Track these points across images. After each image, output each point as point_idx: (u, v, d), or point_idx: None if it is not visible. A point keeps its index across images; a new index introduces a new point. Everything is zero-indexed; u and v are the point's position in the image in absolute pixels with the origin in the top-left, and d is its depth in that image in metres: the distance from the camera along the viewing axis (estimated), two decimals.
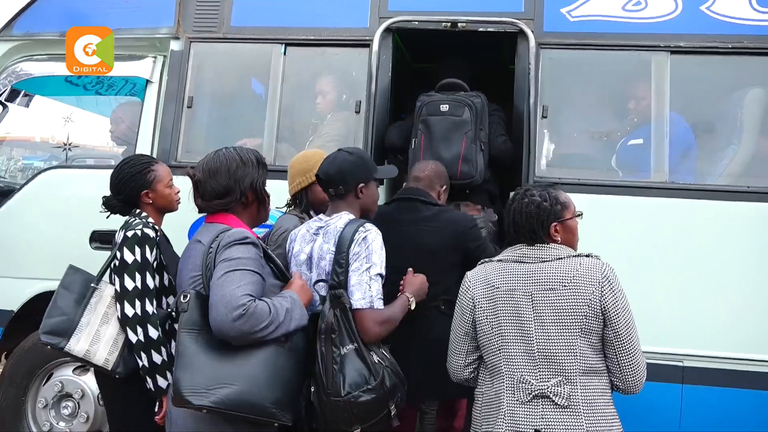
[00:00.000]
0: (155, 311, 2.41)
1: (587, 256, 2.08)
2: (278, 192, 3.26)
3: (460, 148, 3.20)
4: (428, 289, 2.54)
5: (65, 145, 4.47)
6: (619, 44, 3.25)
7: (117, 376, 2.42)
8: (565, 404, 1.95)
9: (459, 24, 3.36)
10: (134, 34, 3.64)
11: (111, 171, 3.62)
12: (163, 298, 2.53)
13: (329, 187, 2.40)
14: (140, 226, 2.46)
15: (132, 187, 2.58)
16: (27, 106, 4.37)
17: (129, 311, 2.37)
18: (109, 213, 2.68)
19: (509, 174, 3.47)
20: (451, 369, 2.25)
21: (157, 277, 2.48)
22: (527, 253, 2.08)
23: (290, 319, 1.95)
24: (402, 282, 2.48)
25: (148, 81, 3.66)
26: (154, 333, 2.38)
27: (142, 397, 2.43)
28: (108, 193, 2.66)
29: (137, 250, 2.42)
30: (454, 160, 3.18)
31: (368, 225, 2.28)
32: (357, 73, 3.49)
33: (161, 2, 3.65)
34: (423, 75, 4.57)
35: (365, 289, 2.17)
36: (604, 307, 1.98)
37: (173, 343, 2.34)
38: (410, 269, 2.53)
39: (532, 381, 1.98)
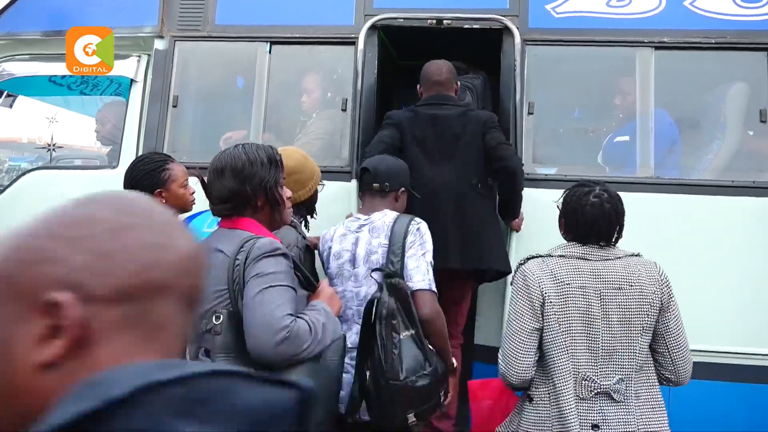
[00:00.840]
0: None
1: (636, 255, 2.14)
2: None
3: None
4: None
5: (49, 145, 4.43)
6: (604, 40, 3.26)
7: None
8: (621, 399, 2.00)
9: (444, 21, 3.36)
10: (118, 33, 3.59)
11: (96, 171, 3.65)
12: None
13: (376, 181, 2.50)
14: None
15: (145, 185, 2.44)
16: (10, 106, 4.33)
17: None
18: None
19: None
20: (514, 371, 2.03)
21: None
22: (589, 250, 2.09)
23: (327, 334, 1.81)
24: None
25: (132, 80, 3.63)
26: None
27: None
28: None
29: None
30: None
31: (418, 219, 2.39)
32: (343, 70, 3.48)
33: (145, 1, 3.63)
34: (409, 72, 4.58)
35: (424, 272, 2.27)
36: (663, 305, 2.05)
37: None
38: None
39: (594, 378, 2.01)
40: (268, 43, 3.51)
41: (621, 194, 3.06)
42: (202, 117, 3.72)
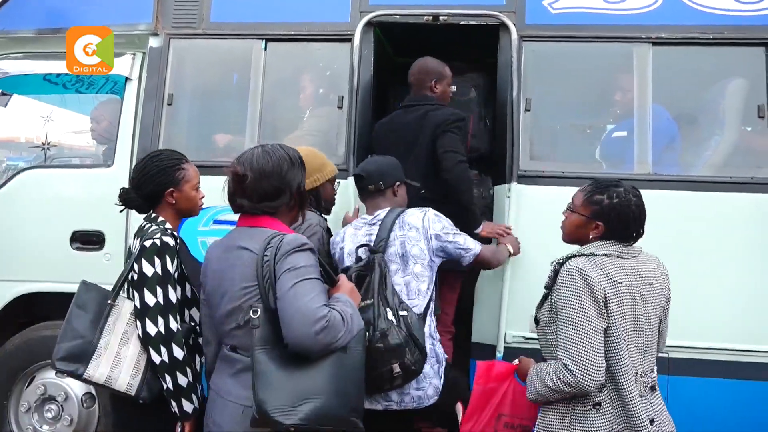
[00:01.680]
0: (179, 327, 2.19)
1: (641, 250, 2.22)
2: None
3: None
4: None
5: (44, 144, 4.41)
6: (601, 36, 3.24)
7: (141, 402, 2.19)
8: (658, 390, 2.15)
9: (440, 17, 3.34)
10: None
11: (91, 170, 3.63)
12: (186, 311, 2.31)
13: (369, 183, 2.70)
14: (158, 235, 2.21)
15: (158, 182, 2.32)
16: (5, 105, 4.30)
17: (151, 329, 2.14)
18: (124, 208, 2.43)
19: (491, 168, 3.46)
20: (593, 376, 1.97)
21: (179, 289, 2.25)
22: (626, 250, 2.14)
23: (354, 324, 1.89)
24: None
25: (127, 78, 3.61)
26: (179, 353, 2.16)
27: (161, 421, 2.25)
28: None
29: (157, 261, 2.17)
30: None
31: (425, 207, 2.68)
32: (339, 67, 3.46)
33: None
34: (406, 69, 4.55)
35: (469, 241, 2.68)
36: (668, 297, 2.22)
37: (197, 360, 2.26)
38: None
39: (646, 373, 2.09)
40: (264, 41, 3.49)
41: None
42: (197, 115, 3.69)
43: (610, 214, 2.12)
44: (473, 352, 3.23)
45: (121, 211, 2.49)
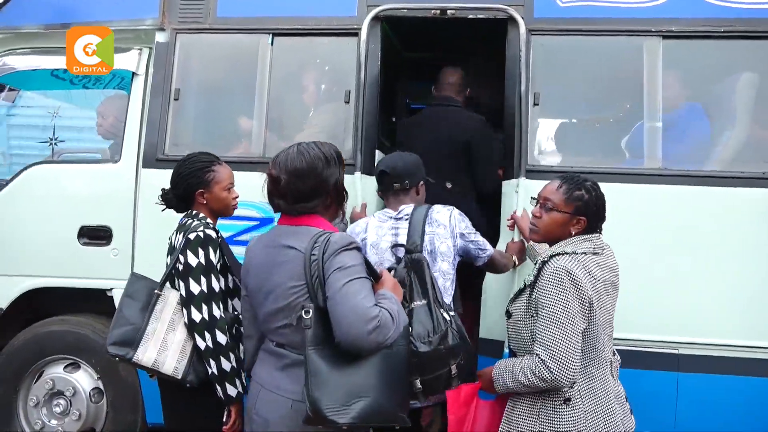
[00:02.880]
0: (222, 315, 2.34)
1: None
2: None
3: None
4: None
5: (51, 139, 4.41)
6: (611, 29, 3.21)
7: (188, 385, 2.34)
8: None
9: (448, 11, 3.31)
10: (119, 26, 3.57)
11: (98, 166, 3.63)
12: (229, 301, 2.45)
13: (396, 181, 2.73)
14: (201, 228, 2.37)
15: (189, 184, 2.50)
16: (13, 101, 4.31)
17: (196, 316, 2.30)
18: (164, 207, 2.60)
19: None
20: (570, 373, 2.02)
21: (222, 279, 2.39)
22: (597, 243, 2.20)
23: (401, 322, 1.90)
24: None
25: (134, 74, 3.61)
26: (222, 338, 2.31)
27: (208, 406, 2.37)
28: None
29: (201, 252, 2.33)
30: None
31: (450, 206, 2.76)
32: (346, 62, 3.43)
33: None
34: (413, 64, 4.54)
35: (486, 242, 2.75)
36: None
37: (241, 348, 2.33)
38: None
39: (615, 360, 2.22)
40: (270, 35, 3.47)
41: (629, 186, 3.08)
42: (204, 110, 3.68)
43: (591, 208, 2.19)
44: (481, 348, 3.22)
45: (163, 210, 2.62)
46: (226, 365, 2.30)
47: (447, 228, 2.65)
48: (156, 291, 2.39)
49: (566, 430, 2.05)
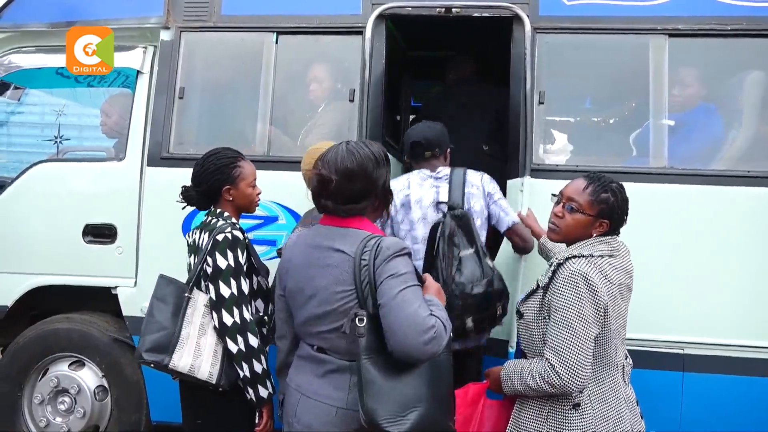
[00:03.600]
0: (251, 317, 2.32)
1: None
2: (273, 184, 3.24)
3: None
4: None
5: (56, 138, 4.42)
6: (616, 28, 3.19)
7: (221, 389, 2.31)
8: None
9: (453, 10, 3.30)
10: (123, 24, 3.58)
11: (103, 164, 3.64)
12: (252, 302, 2.41)
13: (428, 149, 2.95)
14: (229, 229, 2.33)
15: (215, 179, 2.45)
16: (18, 99, 4.32)
17: (228, 320, 2.26)
18: (185, 205, 2.56)
19: (505, 162, 3.43)
20: (581, 379, 1.99)
21: (247, 281, 2.37)
22: (614, 245, 2.15)
23: (449, 329, 1.86)
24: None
25: (138, 72, 3.60)
26: (254, 341, 2.28)
27: (234, 408, 2.35)
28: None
29: (229, 254, 2.30)
30: None
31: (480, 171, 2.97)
32: (350, 61, 3.42)
33: None
34: (418, 62, 4.53)
35: (510, 208, 2.92)
36: None
37: (267, 349, 2.34)
38: None
39: (627, 363, 2.20)
40: (275, 34, 3.47)
41: (634, 185, 3.06)
42: (209, 108, 3.68)
43: (617, 212, 2.15)
44: (485, 347, 3.20)
45: (183, 208, 2.60)
46: (258, 368, 2.28)
47: (479, 189, 2.88)
48: (186, 294, 2.34)
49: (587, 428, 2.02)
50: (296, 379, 2.00)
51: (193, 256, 2.46)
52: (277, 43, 3.47)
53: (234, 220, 2.45)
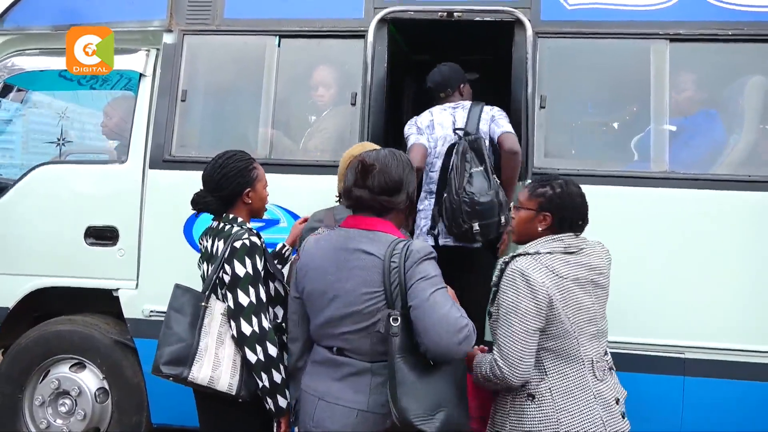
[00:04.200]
0: (270, 326, 2.24)
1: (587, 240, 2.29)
2: (275, 187, 3.24)
3: None
4: None
5: (59, 140, 4.43)
6: (618, 32, 3.20)
7: (240, 400, 2.26)
8: (614, 369, 2.27)
9: (455, 14, 3.32)
10: (127, 27, 3.59)
11: (105, 166, 3.65)
12: (270, 309, 2.34)
13: (440, 90, 3.41)
14: (246, 235, 2.25)
15: (237, 183, 2.36)
16: (21, 101, 4.33)
17: (246, 329, 2.19)
18: (199, 212, 2.46)
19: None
20: (519, 372, 2.05)
21: (265, 287, 2.30)
22: (570, 243, 2.18)
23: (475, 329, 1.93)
24: None
25: (141, 75, 3.62)
26: (273, 350, 2.21)
27: (252, 417, 2.32)
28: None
29: (248, 261, 2.22)
30: None
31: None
32: (352, 64, 3.44)
33: None
34: (420, 66, 4.54)
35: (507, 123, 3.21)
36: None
37: (284, 357, 2.28)
38: None
39: (603, 358, 2.20)
40: (277, 37, 3.48)
41: (635, 189, 3.08)
42: (211, 111, 3.69)
43: (556, 204, 2.19)
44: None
45: (197, 215, 2.52)
46: (278, 377, 2.21)
47: (488, 115, 3.24)
48: (202, 304, 2.27)
49: (535, 428, 2.06)
50: (313, 384, 2.01)
51: (206, 263, 2.40)
52: (279, 46, 3.48)
53: (249, 225, 2.39)
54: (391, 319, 1.83)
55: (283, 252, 2.86)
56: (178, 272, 3.36)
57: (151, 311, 3.37)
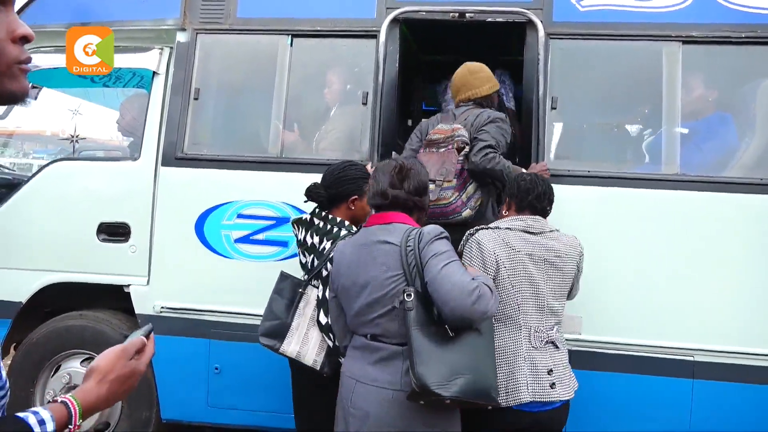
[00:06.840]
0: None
1: (557, 230, 2.61)
2: (286, 185, 3.27)
3: None
4: None
5: (72, 137, 4.47)
6: (630, 34, 3.19)
7: (324, 375, 2.55)
8: (561, 347, 2.50)
9: (467, 14, 3.32)
10: (140, 26, 3.63)
11: (118, 163, 3.68)
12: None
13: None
14: (348, 236, 2.50)
15: (348, 187, 2.67)
16: (35, 98, 4.37)
17: (322, 319, 2.52)
18: (307, 200, 2.72)
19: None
20: None
21: None
22: (531, 224, 2.53)
23: (497, 295, 2.11)
24: None
25: (154, 73, 3.64)
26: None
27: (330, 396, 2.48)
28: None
29: None
30: None
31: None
32: (364, 64, 3.45)
33: None
34: (431, 66, 4.55)
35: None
36: (579, 269, 2.61)
37: None
38: None
39: (543, 330, 2.46)
40: (290, 36, 3.50)
41: (646, 191, 3.07)
42: (224, 110, 3.72)
43: (512, 188, 2.63)
44: None
45: (305, 202, 2.75)
46: None
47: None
48: (300, 290, 2.63)
49: None
50: (350, 368, 2.22)
51: (307, 255, 2.67)
52: (291, 45, 3.50)
53: (354, 229, 2.61)
54: (405, 294, 2.03)
55: None
56: (190, 269, 3.41)
57: (162, 307, 3.40)
